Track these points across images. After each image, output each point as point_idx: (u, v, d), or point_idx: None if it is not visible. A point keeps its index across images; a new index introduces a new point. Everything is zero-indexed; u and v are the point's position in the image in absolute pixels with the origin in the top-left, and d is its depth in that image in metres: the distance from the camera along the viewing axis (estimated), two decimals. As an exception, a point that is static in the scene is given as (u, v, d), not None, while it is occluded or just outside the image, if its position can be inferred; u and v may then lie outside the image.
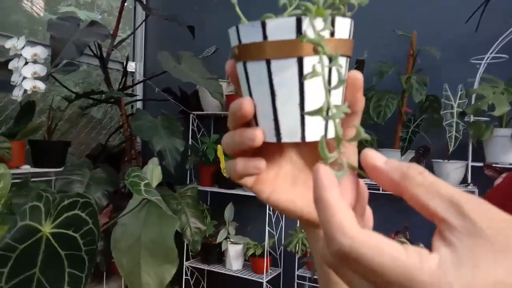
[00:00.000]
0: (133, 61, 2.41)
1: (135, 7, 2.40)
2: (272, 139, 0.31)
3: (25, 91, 1.42)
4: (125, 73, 1.91)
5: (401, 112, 1.68)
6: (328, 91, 0.28)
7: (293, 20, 0.28)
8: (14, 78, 1.44)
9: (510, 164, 1.49)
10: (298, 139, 0.31)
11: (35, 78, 1.44)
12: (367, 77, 1.74)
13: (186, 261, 2.00)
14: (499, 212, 0.23)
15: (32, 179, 1.69)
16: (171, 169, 1.57)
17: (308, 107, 0.30)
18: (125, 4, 1.94)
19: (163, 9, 2.23)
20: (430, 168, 1.64)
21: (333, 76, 0.30)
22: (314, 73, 0.27)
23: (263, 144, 0.32)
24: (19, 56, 1.45)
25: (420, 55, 1.66)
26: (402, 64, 1.69)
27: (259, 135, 0.31)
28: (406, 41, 1.68)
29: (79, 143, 2.22)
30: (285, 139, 0.31)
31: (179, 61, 1.78)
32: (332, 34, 0.29)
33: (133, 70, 2.39)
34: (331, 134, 0.31)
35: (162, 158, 1.62)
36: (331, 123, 0.31)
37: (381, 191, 1.64)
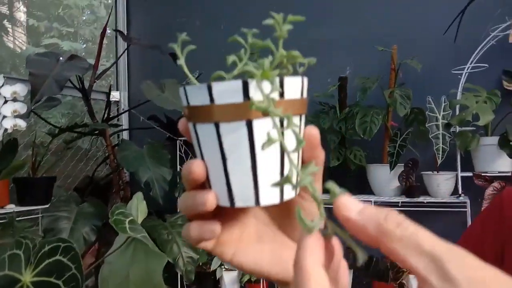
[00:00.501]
0: (117, 90, 2.39)
1: (116, 36, 2.40)
2: (226, 203, 0.30)
3: (6, 130, 1.40)
4: (109, 103, 1.89)
5: (387, 126, 1.68)
6: (288, 155, 0.26)
7: (239, 83, 0.27)
8: (-6, 118, 1.41)
9: (500, 172, 1.49)
10: (252, 203, 0.29)
11: (16, 116, 1.42)
12: (351, 92, 1.75)
13: (181, 291, 1.96)
14: (484, 268, 0.22)
15: (18, 218, 1.65)
16: (159, 200, 1.54)
17: (261, 170, 0.29)
18: (108, 32, 1.94)
19: (144, 37, 2.23)
20: (420, 180, 1.63)
21: (287, 138, 0.28)
22: (270, 141, 0.26)
23: None
24: (-2, 95, 1.43)
25: (401, 69, 1.67)
26: (385, 78, 1.70)
27: (211, 199, 0.30)
28: (388, 55, 1.69)
29: (67, 176, 2.19)
30: (238, 203, 0.30)
31: (163, 89, 1.77)
32: (282, 95, 0.28)
33: (117, 100, 2.37)
34: (288, 195, 0.30)
35: (150, 188, 1.59)
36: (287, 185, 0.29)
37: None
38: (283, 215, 0.37)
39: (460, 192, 1.55)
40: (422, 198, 1.59)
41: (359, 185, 1.76)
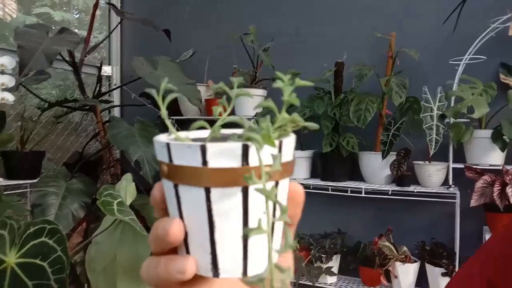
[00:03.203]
0: (109, 64, 2.34)
1: (109, 9, 2.33)
2: (207, 273, 0.28)
3: (-7, 103, 1.36)
4: (100, 79, 1.85)
5: (382, 114, 1.67)
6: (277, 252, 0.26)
7: (238, 147, 0.25)
8: (-19, 90, 1.37)
9: (491, 165, 1.49)
10: (239, 274, 0.27)
11: (3, 90, 1.38)
12: (346, 79, 1.73)
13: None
14: None
15: (5, 192, 1.64)
16: (149, 179, 1.53)
17: (252, 240, 0.27)
18: (102, 3, 1.88)
19: (138, 11, 2.18)
20: (412, 169, 1.63)
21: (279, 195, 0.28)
22: (259, 230, 0.24)
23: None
24: (-15, 67, 1.39)
25: (399, 57, 1.65)
26: (382, 65, 1.68)
27: (191, 267, 0.27)
28: (385, 43, 1.66)
29: (56, 149, 2.16)
30: (223, 274, 0.27)
31: (156, 66, 1.73)
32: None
33: (109, 74, 2.33)
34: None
35: (140, 166, 1.58)
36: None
37: (363, 194, 1.63)
38: None
39: (450, 183, 1.55)
40: (413, 187, 1.60)
41: (350, 172, 1.76)
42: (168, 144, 0.27)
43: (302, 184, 1.61)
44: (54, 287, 0.78)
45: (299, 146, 1.83)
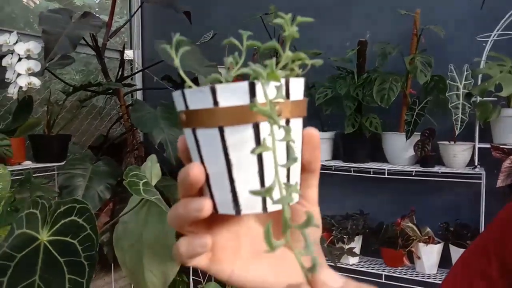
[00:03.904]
0: (131, 48, 2.36)
1: (130, -7, 2.34)
2: (230, 211, 0.29)
3: (20, 88, 1.40)
4: (122, 63, 1.87)
5: (406, 94, 1.64)
6: (282, 167, 0.27)
7: (245, 84, 0.26)
8: (9, 75, 1.41)
9: (519, 145, 1.45)
10: (259, 210, 0.28)
11: (30, 74, 1.41)
12: (370, 58, 1.70)
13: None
14: None
15: (34, 175, 1.68)
16: (173, 161, 1.55)
17: (268, 175, 0.28)
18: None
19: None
20: (436, 150, 1.61)
21: (282, 147, 0.28)
22: (263, 148, 0.25)
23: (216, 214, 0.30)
24: (12, 52, 1.42)
25: (424, 34, 1.60)
26: (406, 44, 1.64)
27: (207, 205, 0.28)
28: (410, 20, 1.62)
29: (81, 133, 2.21)
30: (245, 211, 0.28)
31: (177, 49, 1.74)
32: (287, 96, 0.28)
33: (131, 58, 2.35)
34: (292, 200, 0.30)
35: (163, 148, 1.60)
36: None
37: (386, 176, 1.62)
38: (278, 223, 0.35)
39: (476, 164, 1.52)
40: (437, 168, 1.57)
41: (373, 152, 1.74)
42: (183, 92, 0.29)
43: (324, 165, 1.60)
44: (84, 263, 0.81)
45: (321, 127, 1.82)
